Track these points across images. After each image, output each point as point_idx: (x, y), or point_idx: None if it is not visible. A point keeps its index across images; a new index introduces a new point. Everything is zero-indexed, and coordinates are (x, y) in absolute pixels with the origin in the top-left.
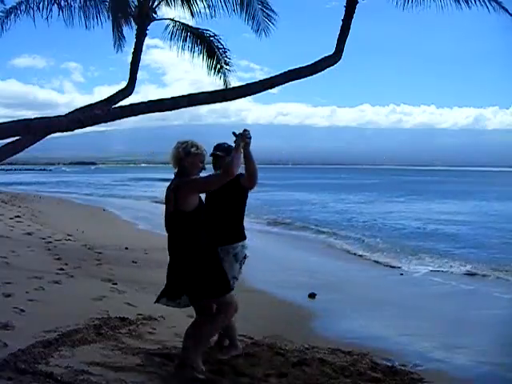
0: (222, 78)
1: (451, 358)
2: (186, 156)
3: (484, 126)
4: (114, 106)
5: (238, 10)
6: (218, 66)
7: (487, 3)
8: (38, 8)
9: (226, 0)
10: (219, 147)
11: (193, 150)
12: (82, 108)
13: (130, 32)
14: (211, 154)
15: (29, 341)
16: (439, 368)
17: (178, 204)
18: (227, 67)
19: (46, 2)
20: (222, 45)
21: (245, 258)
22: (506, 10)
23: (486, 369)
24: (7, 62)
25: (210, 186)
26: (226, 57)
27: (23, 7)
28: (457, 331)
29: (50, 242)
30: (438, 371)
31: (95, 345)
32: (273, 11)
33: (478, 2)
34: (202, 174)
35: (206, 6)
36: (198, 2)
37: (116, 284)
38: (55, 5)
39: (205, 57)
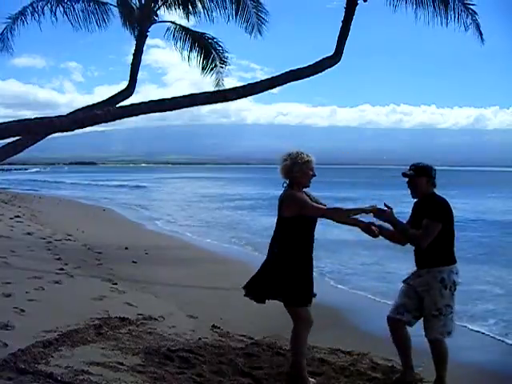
0: (214, 77)
1: (451, 358)
2: (293, 166)
3: (484, 126)
4: (114, 107)
5: (234, 14)
6: (212, 65)
7: (464, 20)
8: (43, 12)
9: (223, 6)
10: (411, 166)
11: (299, 159)
12: (82, 108)
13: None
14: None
15: (29, 341)
16: None
17: (280, 211)
18: (222, 65)
19: (50, 5)
20: (220, 47)
21: (455, 284)
22: (479, 30)
23: (486, 368)
24: (7, 62)
25: (313, 214)
26: (223, 57)
27: (29, 12)
28: (456, 331)
29: (50, 242)
30: None
31: (95, 345)
32: (266, 13)
33: (455, 20)
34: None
35: (206, 12)
36: (198, 6)
37: (116, 284)
38: (59, 7)
39: (201, 57)
